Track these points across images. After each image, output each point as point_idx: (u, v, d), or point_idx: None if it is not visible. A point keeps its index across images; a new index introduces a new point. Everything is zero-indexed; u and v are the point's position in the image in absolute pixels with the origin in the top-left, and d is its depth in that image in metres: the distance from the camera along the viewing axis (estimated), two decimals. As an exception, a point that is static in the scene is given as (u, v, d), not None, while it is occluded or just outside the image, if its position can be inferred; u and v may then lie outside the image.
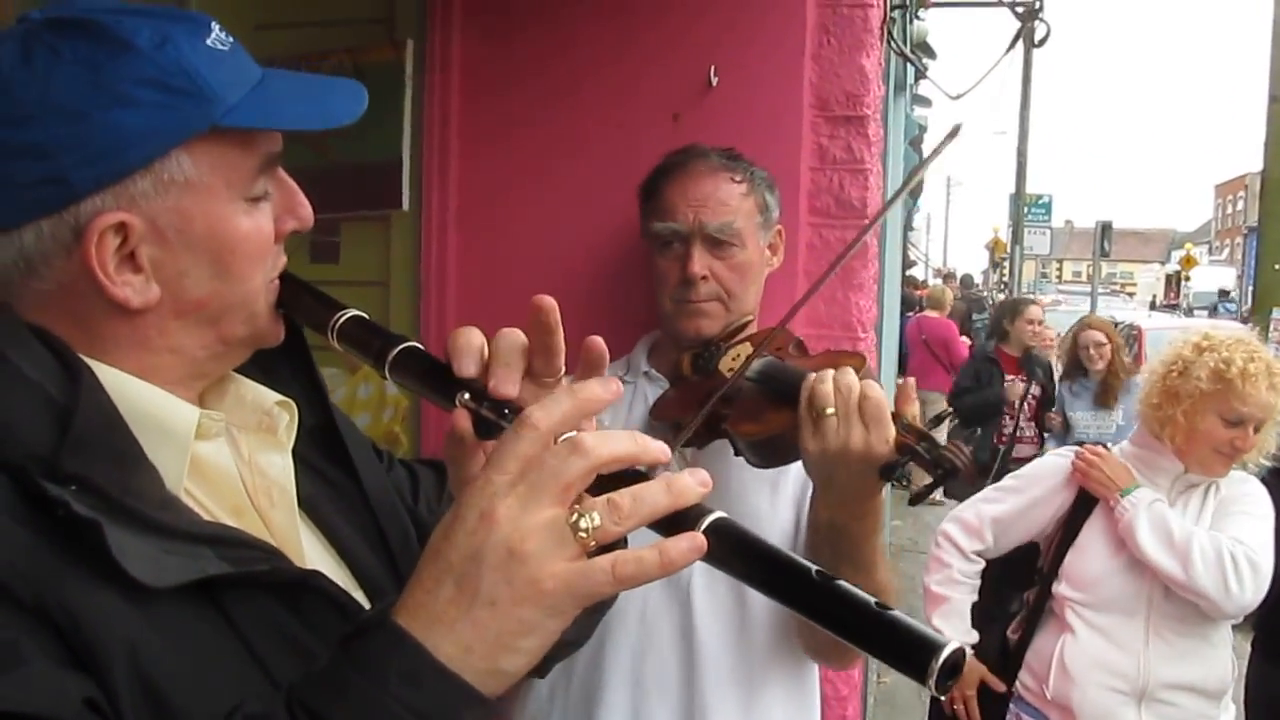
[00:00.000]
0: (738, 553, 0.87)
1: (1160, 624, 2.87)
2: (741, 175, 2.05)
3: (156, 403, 1.01)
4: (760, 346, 1.88)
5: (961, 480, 1.67)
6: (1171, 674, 2.85)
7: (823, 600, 0.84)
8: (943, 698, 0.84)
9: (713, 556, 0.86)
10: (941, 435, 1.66)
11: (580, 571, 0.84)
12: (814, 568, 0.85)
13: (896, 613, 0.82)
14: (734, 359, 1.99)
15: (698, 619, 1.95)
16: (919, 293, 17.52)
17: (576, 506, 0.85)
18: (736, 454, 1.88)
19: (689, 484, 0.87)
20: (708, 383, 1.98)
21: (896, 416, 1.61)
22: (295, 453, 1.16)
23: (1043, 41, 8.09)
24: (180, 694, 0.89)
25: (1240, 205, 60.48)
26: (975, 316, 15.70)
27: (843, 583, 0.83)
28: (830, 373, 1.61)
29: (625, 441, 0.88)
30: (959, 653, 0.79)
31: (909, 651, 0.80)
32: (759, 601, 2.00)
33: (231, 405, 1.14)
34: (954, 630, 3.03)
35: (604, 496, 0.85)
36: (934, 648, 0.78)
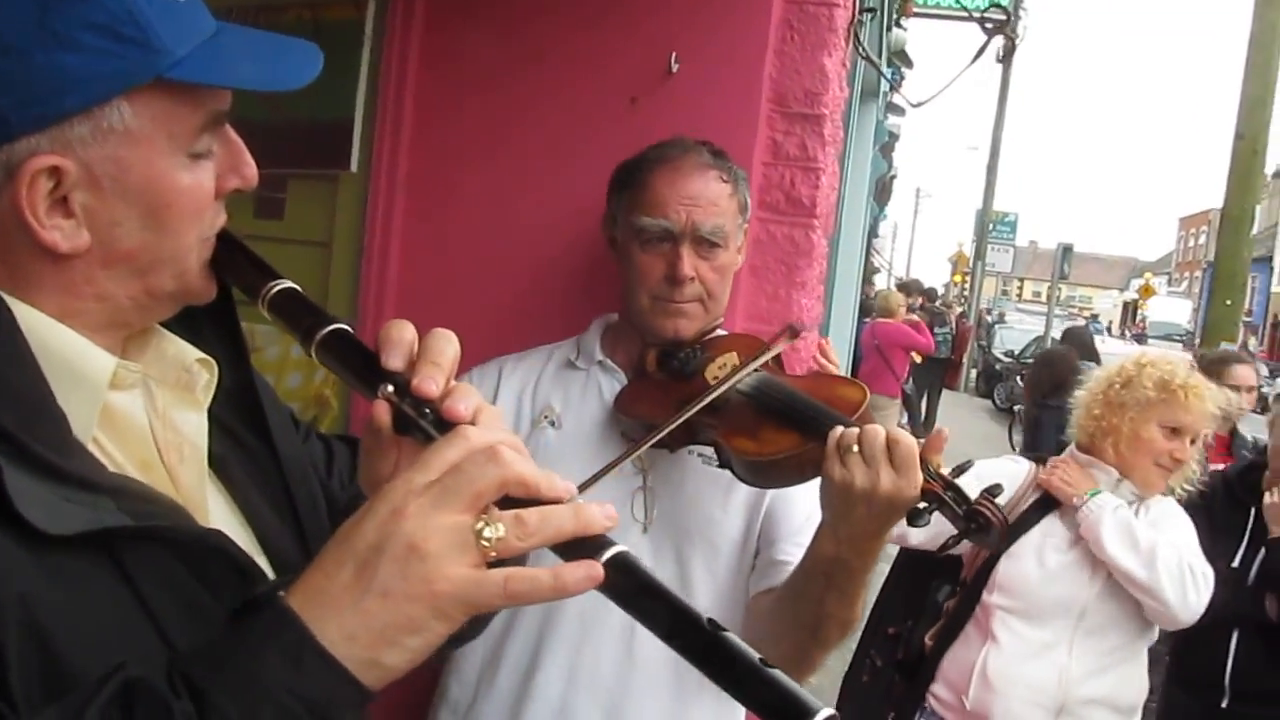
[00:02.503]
0: (634, 590, 0.90)
1: (1086, 638, 2.93)
2: (728, 175, 2.03)
3: (73, 347, 1.00)
4: (752, 359, 1.88)
5: (994, 537, 1.71)
6: (1090, 688, 2.91)
7: (710, 650, 0.87)
8: None
9: (609, 589, 0.88)
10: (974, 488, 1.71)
11: (475, 580, 0.86)
12: (705, 617, 0.88)
13: (777, 672, 0.85)
14: (720, 367, 1.97)
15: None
16: (922, 300, 17.64)
17: (484, 516, 0.87)
18: (722, 466, 1.88)
19: (595, 514, 0.90)
20: (685, 386, 1.96)
21: (924, 463, 1.64)
22: (211, 413, 1.14)
23: (1007, 56, 8.15)
24: (69, 646, 0.88)
25: (1203, 239, 61.29)
26: (937, 330, 15.76)
27: (729, 635, 0.87)
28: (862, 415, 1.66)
29: (537, 473, 0.90)
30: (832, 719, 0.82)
31: (784, 711, 0.84)
32: (703, 608, 1.97)
33: (152, 358, 1.12)
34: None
35: (512, 511, 0.87)
36: (807, 712, 0.82)
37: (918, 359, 13.10)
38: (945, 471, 1.69)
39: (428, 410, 1.00)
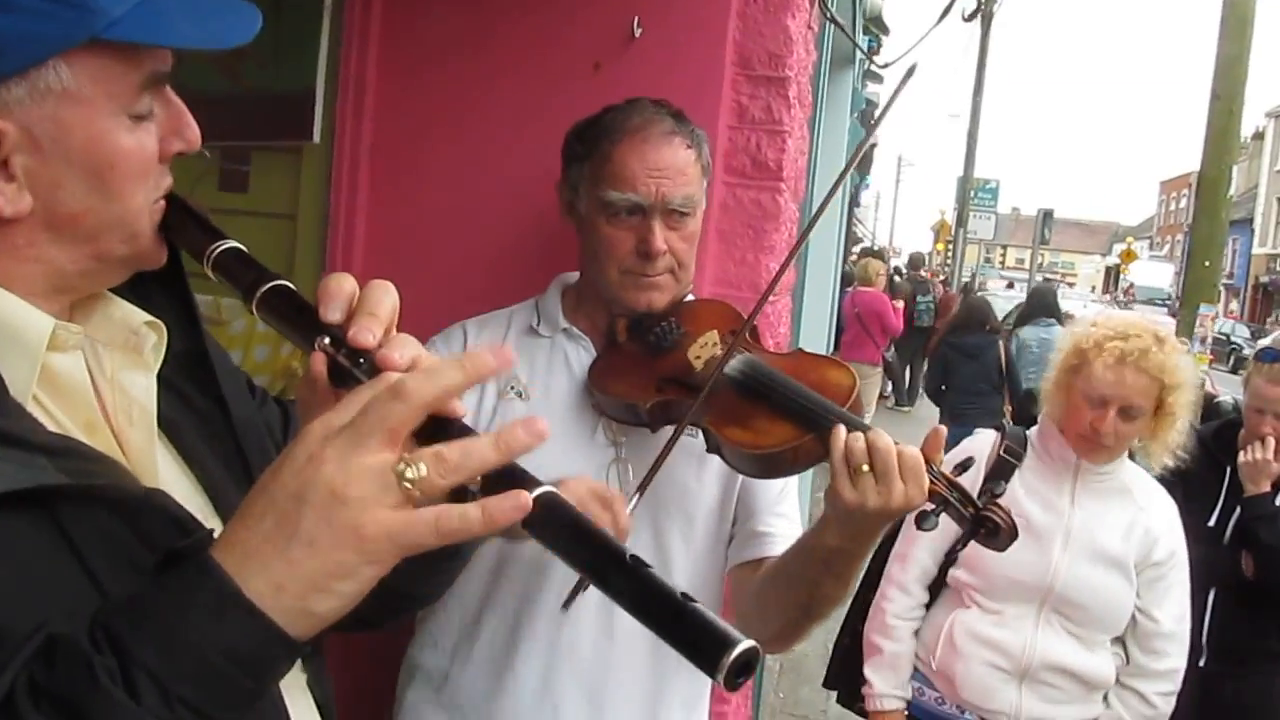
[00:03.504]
0: (560, 526, 0.89)
1: (1052, 614, 2.88)
2: (691, 139, 1.98)
3: (10, 309, 0.99)
4: (736, 341, 1.85)
5: (1003, 541, 1.73)
6: (1056, 657, 2.87)
7: (632, 585, 0.87)
8: (731, 692, 0.88)
9: (536, 526, 0.88)
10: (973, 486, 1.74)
11: (404, 521, 0.85)
12: (629, 553, 0.87)
13: (699, 606, 0.85)
14: (702, 346, 1.94)
15: None
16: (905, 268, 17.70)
17: (405, 456, 0.85)
18: (710, 451, 1.87)
19: (518, 436, 0.88)
20: (663, 361, 1.94)
21: (928, 464, 1.66)
22: (162, 377, 1.13)
23: (976, 15, 8.12)
24: (4, 608, 0.86)
25: (1184, 203, 61.48)
26: (920, 299, 15.72)
27: (652, 571, 0.87)
28: (868, 433, 1.65)
29: (453, 372, 0.89)
30: (751, 651, 0.82)
31: (704, 644, 0.83)
32: (680, 579, 2.00)
33: (99, 321, 1.11)
34: (884, 684, 3.03)
35: (432, 448, 0.86)
36: (728, 644, 0.81)
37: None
38: (948, 470, 1.71)
39: (362, 361, 1.00)
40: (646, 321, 1.99)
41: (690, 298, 2.09)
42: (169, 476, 1.11)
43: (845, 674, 3.27)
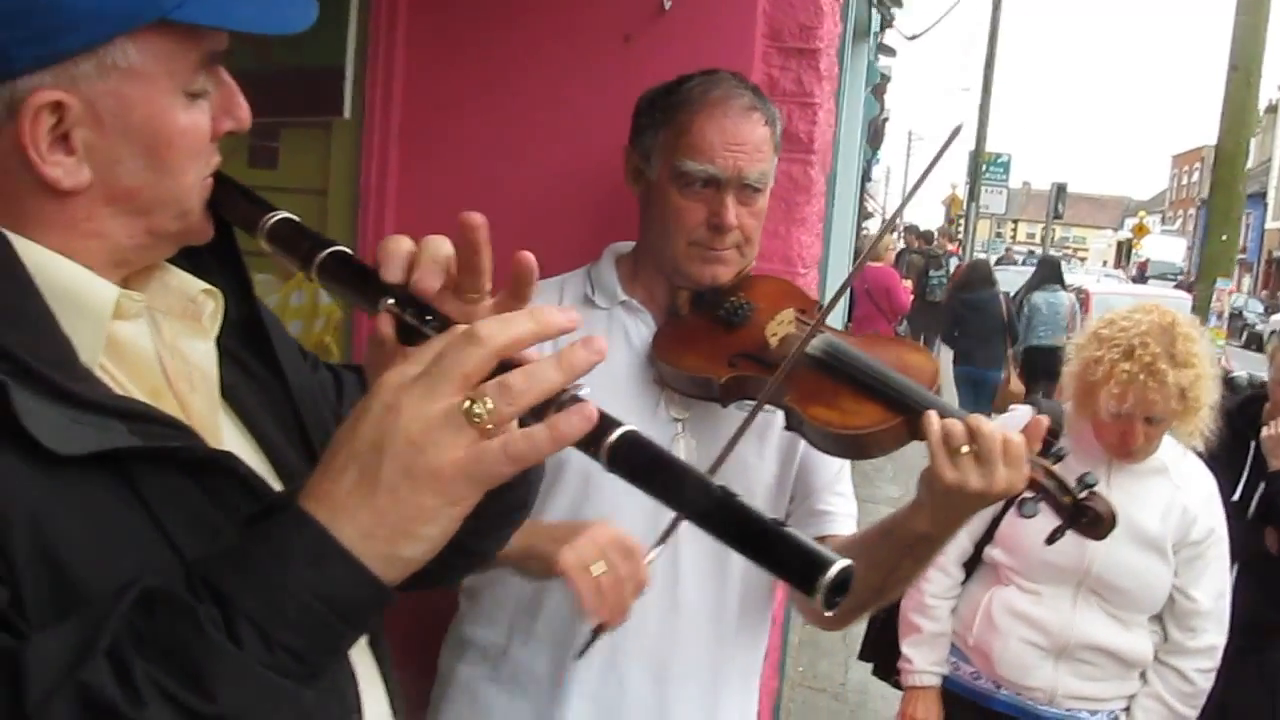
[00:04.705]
0: (643, 460, 0.90)
1: (1089, 596, 2.89)
2: (768, 117, 1.97)
3: (76, 278, 1.01)
4: (820, 320, 1.84)
5: (1104, 527, 1.76)
6: (1094, 637, 2.88)
7: (722, 512, 0.87)
8: (829, 613, 0.89)
9: (618, 464, 0.89)
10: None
11: (475, 455, 0.86)
12: (715, 482, 0.88)
13: (792, 530, 0.86)
14: (779, 323, 1.94)
15: (682, 567, 1.96)
16: (918, 243, 17.77)
17: (471, 393, 0.86)
18: (790, 429, 1.87)
19: (579, 354, 0.89)
20: (736, 336, 1.94)
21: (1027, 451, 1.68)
22: (219, 343, 1.16)
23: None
24: (81, 565, 0.89)
25: (1196, 177, 61.14)
26: (933, 273, 15.70)
27: (742, 499, 0.88)
28: (966, 417, 1.66)
29: (525, 322, 0.90)
30: (847, 570, 0.83)
31: (801, 566, 0.84)
32: (738, 564, 1.99)
33: (157, 290, 1.13)
34: (923, 660, 3.06)
35: (495, 379, 0.87)
36: (824, 563, 0.83)
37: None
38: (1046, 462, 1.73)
39: (429, 316, 1.02)
40: (712, 295, 1.98)
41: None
42: (231, 441, 1.14)
43: (881, 647, 3.28)
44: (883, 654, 3.30)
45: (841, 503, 2.04)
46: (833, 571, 0.82)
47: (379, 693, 1.19)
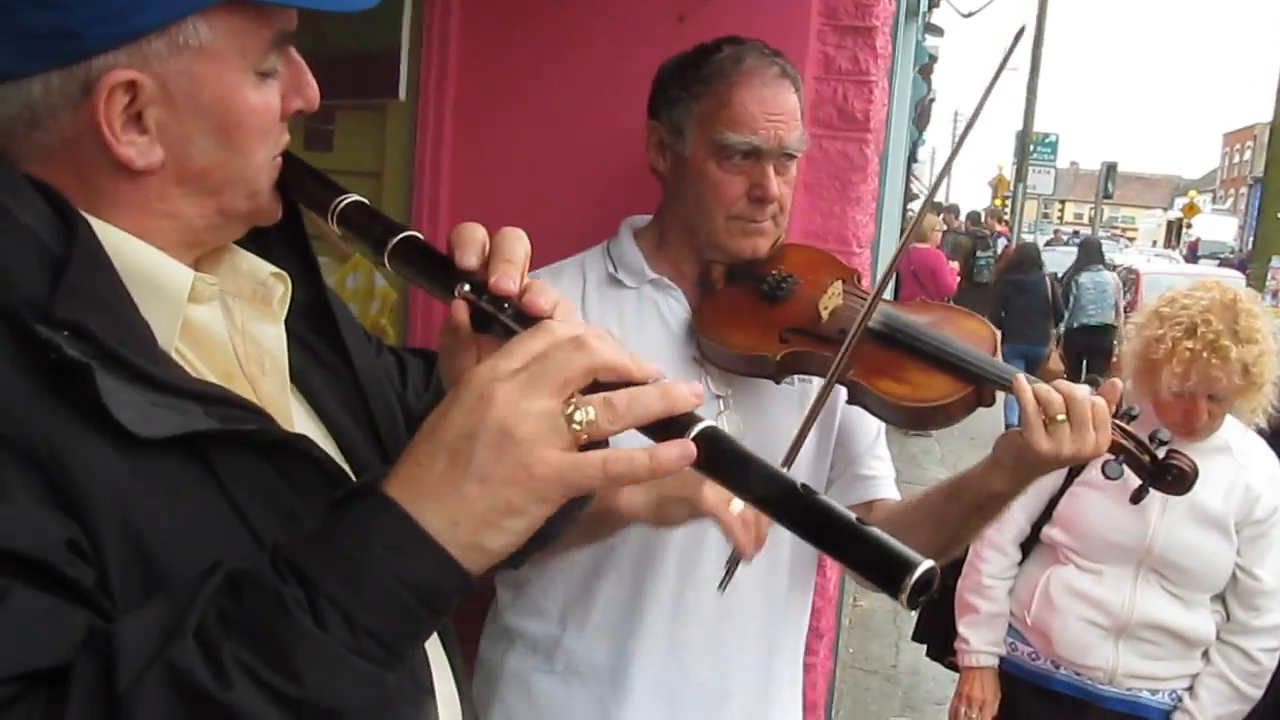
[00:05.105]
0: (726, 461, 0.90)
1: (1150, 575, 2.87)
2: (796, 83, 1.95)
3: (152, 261, 1.01)
4: (879, 292, 1.83)
5: (1188, 482, 1.76)
6: (1156, 616, 2.86)
7: (807, 513, 0.88)
8: (912, 611, 0.89)
9: (701, 464, 0.89)
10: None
11: (573, 462, 0.87)
12: (799, 481, 0.89)
13: (875, 529, 0.86)
14: (830, 296, 1.92)
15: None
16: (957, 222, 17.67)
17: (573, 400, 0.88)
18: (852, 402, 1.87)
19: (683, 392, 0.91)
20: (779, 310, 1.92)
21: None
22: (288, 326, 1.16)
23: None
24: (166, 547, 0.90)
25: (1248, 155, 60.08)
26: (980, 254, 15.54)
27: (824, 498, 0.88)
28: (1056, 383, 1.68)
29: (624, 357, 0.92)
30: (931, 571, 0.83)
31: (884, 566, 0.84)
32: (787, 536, 1.97)
33: (226, 273, 1.14)
34: (980, 640, 3.06)
35: (601, 395, 0.88)
36: (910, 564, 0.83)
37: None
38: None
39: (506, 305, 1.01)
40: (746, 268, 1.96)
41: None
42: (301, 424, 1.14)
43: (936, 627, 3.27)
44: (937, 636, 3.29)
45: (883, 466, 2.05)
46: (918, 572, 0.82)
47: (445, 673, 1.20)
